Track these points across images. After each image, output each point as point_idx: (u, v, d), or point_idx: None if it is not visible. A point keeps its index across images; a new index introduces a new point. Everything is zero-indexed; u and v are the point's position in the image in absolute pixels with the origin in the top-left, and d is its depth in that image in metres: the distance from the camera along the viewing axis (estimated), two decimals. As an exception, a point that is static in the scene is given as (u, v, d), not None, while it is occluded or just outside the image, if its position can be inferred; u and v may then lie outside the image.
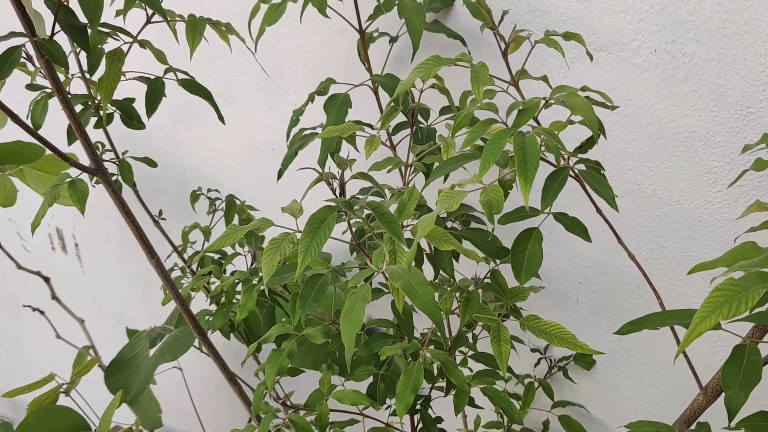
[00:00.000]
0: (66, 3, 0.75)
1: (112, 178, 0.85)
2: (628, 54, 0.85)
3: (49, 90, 0.89)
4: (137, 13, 0.90)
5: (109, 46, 0.85)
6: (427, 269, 0.88)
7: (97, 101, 0.93)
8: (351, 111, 0.92)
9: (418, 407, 0.86)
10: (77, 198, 0.85)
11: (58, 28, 0.74)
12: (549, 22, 0.90)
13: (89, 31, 0.75)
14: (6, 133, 1.09)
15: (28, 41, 0.74)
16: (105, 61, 0.84)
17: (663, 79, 0.84)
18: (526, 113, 0.61)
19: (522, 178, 0.56)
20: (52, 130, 1.03)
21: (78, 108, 0.93)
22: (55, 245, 1.96)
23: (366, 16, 0.94)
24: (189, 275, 1.14)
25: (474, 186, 0.62)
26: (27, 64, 0.94)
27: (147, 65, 0.94)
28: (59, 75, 0.80)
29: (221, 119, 0.97)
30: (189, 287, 0.98)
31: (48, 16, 0.75)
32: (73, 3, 0.74)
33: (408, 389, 0.72)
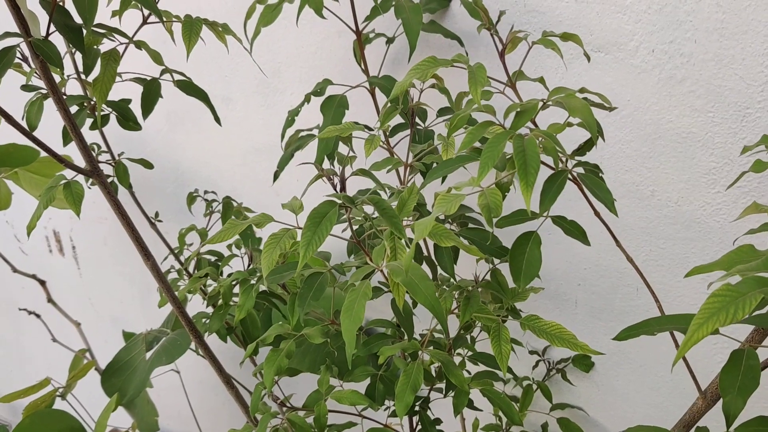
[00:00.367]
0: (61, 3, 0.75)
1: (107, 179, 0.85)
2: (625, 54, 0.85)
3: (45, 91, 0.88)
4: (134, 14, 0.89)
5: (105, 46, 0.85)
6: (426, 271, 0.87)
7: (93, 102, 0.93)
8: (348, 112, 0.91)
9: (417, 408, 0.86)
10: (72, 200, 0.85)
11: (53, 28, 0.74)
12: (546, 22, 0.89)
13: (84, 32, 0.75)
14: (0, 135, 1.08)
15: (23, 41, 0.74)
16: (100, 62, 0.84)
17: (661, 80, 0.84)
18: (524, 115, 0.60)
19: (523, 181, 0.55)
20: (47, 131, 1.03)
21: (74, 109, 0.92)
22: (53, 248, 1.96)
23: (362, 17, 0.94)
24: (186, 277, 1.14)
25: (472, 189, 0.61)
26: (22, 64, 0.93)
27: (143, 66, 0.94)
28: (55, 76, 0.80)
29: (218, 121, 0.97)
30: (186, 290, 0.97)
31: (43, 16, 0.74)
32: (69, 4, 0.74)
33: (408, 389, 0.71)
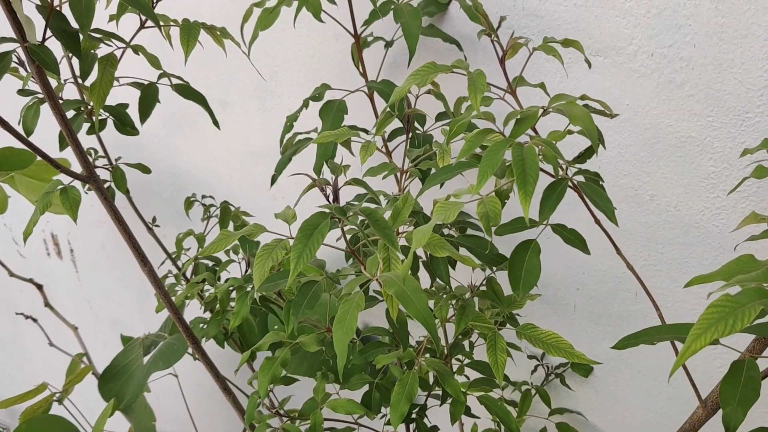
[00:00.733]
0: (58, 8, 0.74)
1: (104, 184, 0.84)
2: (624, 59, 0.85)
3: (41, 95, 0.88)
4: (131, 19, 0.89)
5: (102, 51, 0.84)
6: (424, 277, 0.87)
7: (90, 107, 0.93)
8: (347, 117, 0.91)
9: (413, 416, 0.85)
10: (69, 205, 0.84)
11: (49, 33, 0.74)
12: (545, 26, 0.89)
13: (81, 37, 0.75)
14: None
15: (19, 47, 0.73)
16: (97, 67, 0.84)
17: (660, 84, 0.84)
18: (524, 123, 0.60)
19: (522, 191, 0.55)
20: (45, 136, 1.02)
21: (70, 114, 0.92)
22: (51, 251, 1.95)
23: (361, 20, 0.93)
24: (183, 282, 1.14)
25: (471, 197, 0.61)
26: (19, 69, 0.93)
27: (141, 71, 0.93)
28: (51, 80, 0.79)
29: (216, 124, 0.96)
30: (183, 295, 0.97)
31: (40, 21, 0.74)
32: (66, 9, 0.73)
33: (402, 399, 0.71)
